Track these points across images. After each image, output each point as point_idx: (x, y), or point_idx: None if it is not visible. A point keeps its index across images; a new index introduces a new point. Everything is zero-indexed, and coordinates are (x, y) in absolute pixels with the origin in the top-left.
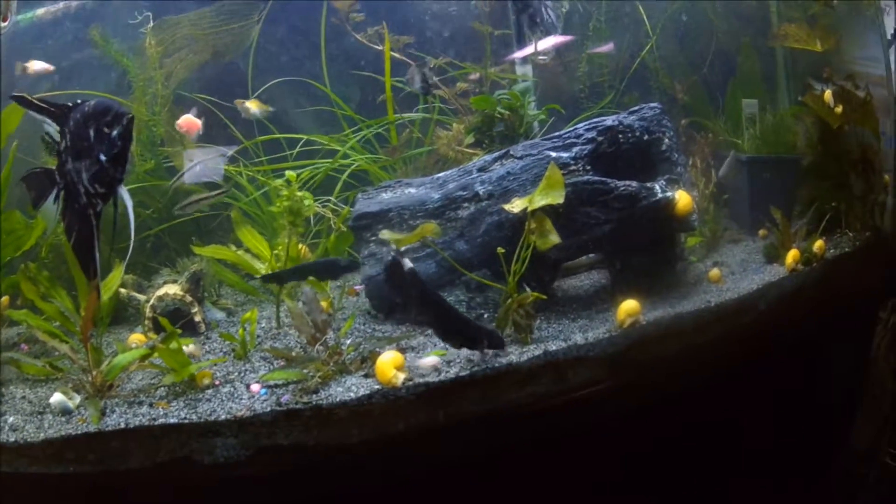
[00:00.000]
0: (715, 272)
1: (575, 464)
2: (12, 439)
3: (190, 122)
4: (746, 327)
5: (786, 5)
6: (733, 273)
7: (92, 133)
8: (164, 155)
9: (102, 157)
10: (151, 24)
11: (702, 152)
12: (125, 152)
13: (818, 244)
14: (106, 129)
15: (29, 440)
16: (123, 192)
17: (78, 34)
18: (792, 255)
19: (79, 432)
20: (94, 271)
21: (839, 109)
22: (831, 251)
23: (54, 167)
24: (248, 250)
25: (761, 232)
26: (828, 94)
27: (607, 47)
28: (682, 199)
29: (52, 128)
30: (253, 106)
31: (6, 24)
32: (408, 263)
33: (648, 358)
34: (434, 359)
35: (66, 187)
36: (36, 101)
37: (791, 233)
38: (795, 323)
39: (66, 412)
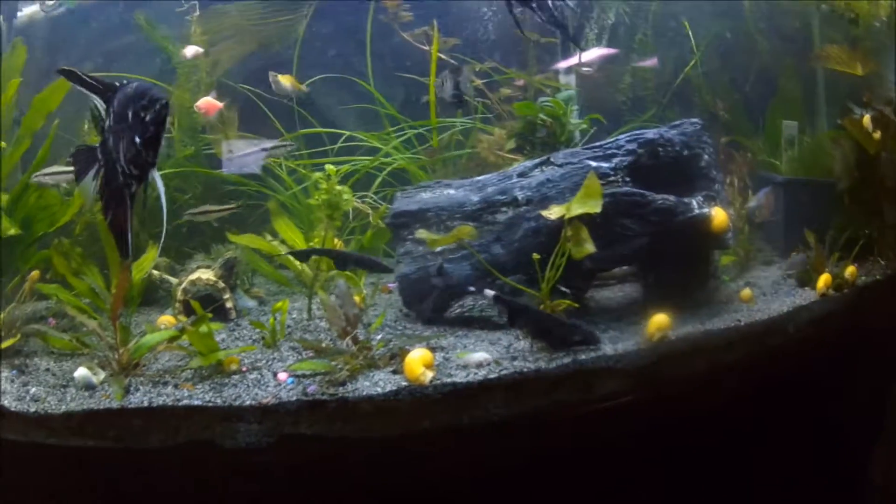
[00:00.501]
0: (746, 292)
1: (593, 474)
2: (33, 409)
3: (209, 103)
4: (774, 349)
5: (828, 26)
6: (764, 294)
7: (130, 115)
8: (205, 142)
9: (137, 140)
10: (197, 12)
11: (740, 171)
12: (157, 137)
13: (850, 270)
14: (142, 113)
15: (49, 411)
16: (156, 176)
17: (123, 18)
18: (823, 279)
19: (101, 407)
20: (126, 251)
21: (877, 135)
22: (862, 278)
23: (98, 144)
24: (283, 241)
25: (794, 255)
26: (866, 119)
27: (651, 61)
28: (719, 216)
29: (99, 103)
30: (286, 81)
31: (53, 2)
32: (489, 293)
33: (675, 373)
34: (483, 355)
35: (106, 166)
36: (84, 77)
37: (823, 257)
38: (823, 348)
39: (89, 387)
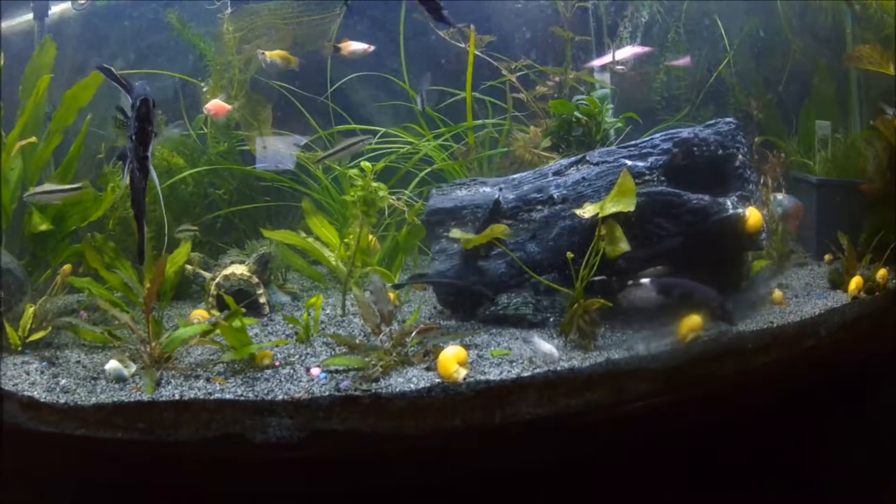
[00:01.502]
0: (777, 294)
1: (623, 474)
2: (62, 401)
3: (218, 105)
4: (805, 352)
5: (860, 25)
6: (797, 296)
7: (131, 114)
8: (239, 138)
9: (132, 136)
10: (229, 10)
11: (773, 172)
12: (142, 133)
13: (881, 273)
14: (133, 111)
15: (80, 403)
16: (150, 169)
17: (156, 16)
18: (855, 282)
19: (131, 399)
20: (140, 243)
21: None
22: (893, 281)
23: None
24: (317, 238)
25: (827, 257)
26: None
27: (685, 60)
28: (753, 216)
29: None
30: (277, 57)
31: (85, 2)
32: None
33: (707, 374)
34: (550, 347)
35: (129, 163)
36: (117, 74)
37: (855, 260)
38: (853, 352)
39: (120, 379)
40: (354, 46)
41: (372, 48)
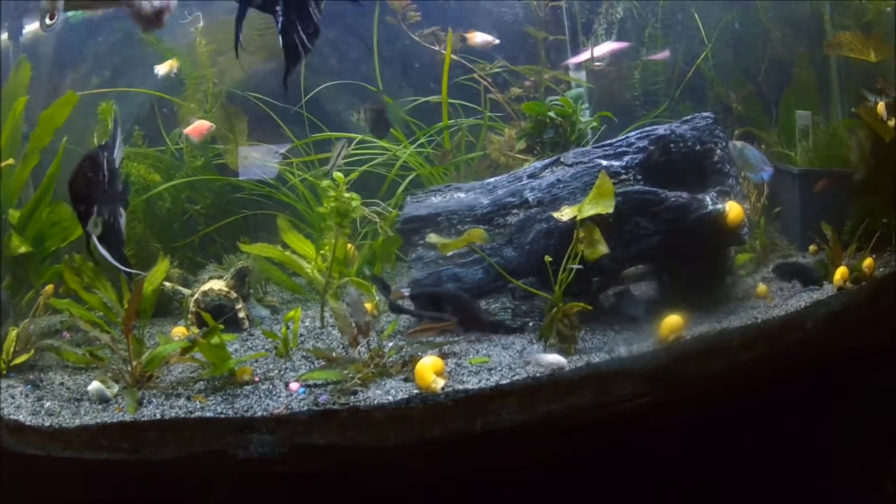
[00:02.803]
0: (762, 287)
1: (610, 478)
2: (48, 423)
3: (199, 126)
4: (793, 346)
5: (839, 12)
6: (782, 289)
7: None
8: (216, 152)
9: None
10: (201, 23)
11: None
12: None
13: (867, 262)
14: None
15: (64, 425)
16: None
17: (129, 31)
18: (840, 272)
19: (114, 420)
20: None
21: (892, 122)
22: (880, 270)
23: None
24: (294, 250)
25: (812, 248)
26: (881, 107)
27: (663, 55)
28: (733, 211)
29: None
30: (165, 68)
31: (55, 21)
32: None
33: (692, 373)
34: (557, 357)
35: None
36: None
37: (840, 250)
38: (842, 343)
39: (103, 400)
40: (480, 39)
41: (496, 41)
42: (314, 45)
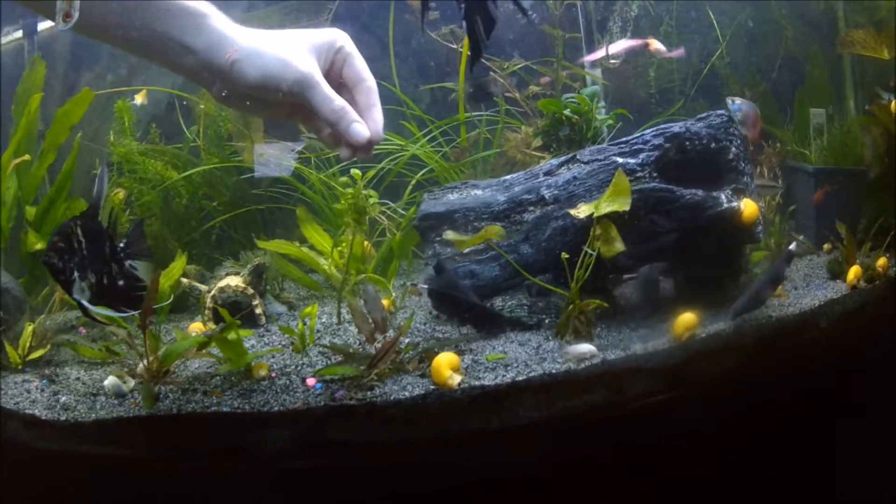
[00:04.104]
0: None
1: (623, 476)
2: (63, 418)
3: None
4: (807, 345)
5: (852, 9)
6: (796, 288)
7: None
8: (232, 150)
9: None
10: None
11: (769, 162)
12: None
13: (881, 261)
14: None
15: (80, 420)
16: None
17: None
18: (853, 271)
19: (130, 415)
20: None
21: None
22: (893, 269)
23: None
24: (312, 247)
25: (826, 246)
26: (894, 104)
27: (678, 52)
28: (748, 208)
29: None
30: (139, 98)
31: (71, 20)
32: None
33: (707, 370)
34: (588, 347)
35: None
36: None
37: (854, 248)
38: (856, 342)
39: (119, 395)
40: (658, 45)
41: (681, 52)
42: (489, 37)
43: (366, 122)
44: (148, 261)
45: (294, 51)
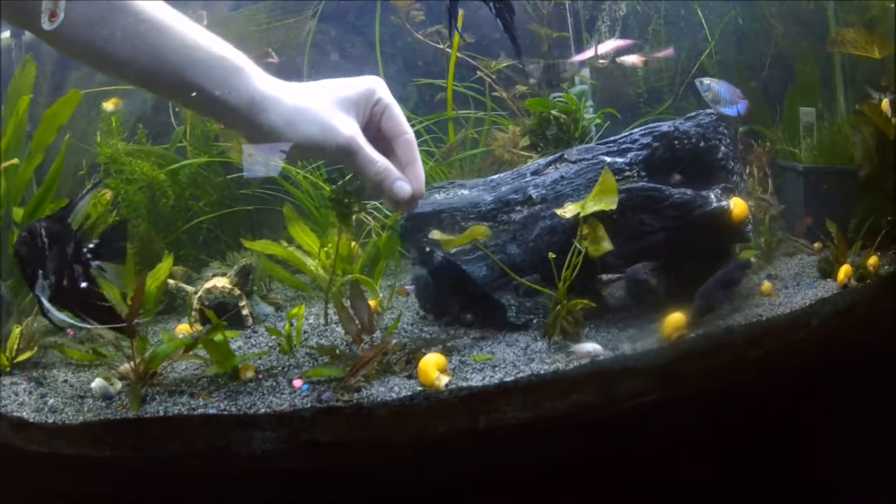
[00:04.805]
0: (766, 285)
1: (612, 476)
2: (51, 420)
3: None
4: (797, 344)
5: (843, 8)
6: (787, 287)
7: None
8: (219, 150)
9: None
10: (205, 21)
11: (759, 161)
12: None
13: (872, 260)
14: None
15: (68, 422)
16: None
17: None
18: (844, 270)
19: (117, 417)
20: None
21: None
22: (885, 267)
23: None
24: (298, 246)
25: (816, 245)
26: (885, 104)
27: (667, 51)
28: (738, 207)
29: None
30: (110, 105)
31: (57, 20)
32: None
33: (696, 371)
34: (594, 346)
35: None
36: None
37: (845, 248)
38: (847, 341)
39: (107, 397)
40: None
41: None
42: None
43: (407, 177)
44: (120, 263)
45: (335, 111)
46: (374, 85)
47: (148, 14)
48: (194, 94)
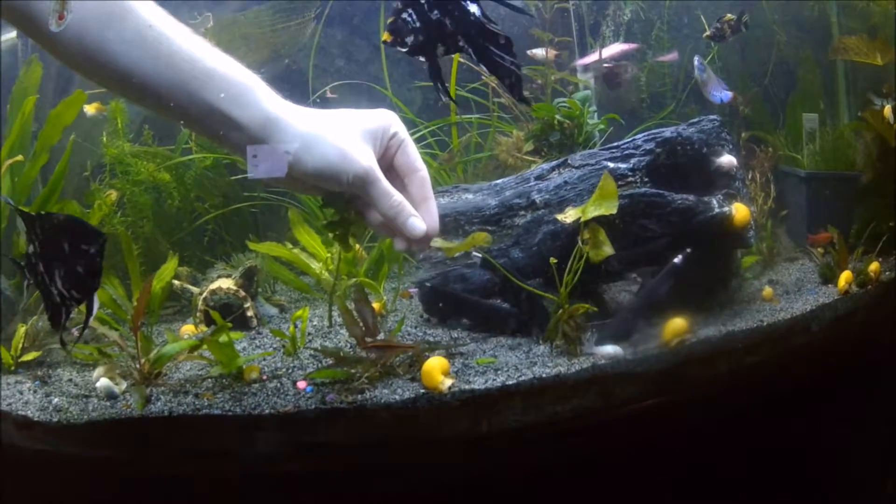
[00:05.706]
0: (768, 290)
1: (614, 480)
2: (56, 419)
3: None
4: (798, 350)
5: (845, 14)
6: (788, 293)
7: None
8: (224, 151)
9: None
10: (211, 23)
11: (761, 167)
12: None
13: (873, 266)
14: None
15: (72, 421)
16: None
17: None
18: (844, 276)
19: (122, 417)
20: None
21: None
22: (886, 273)
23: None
24: (303, 249)
25: (818, 251)
26: (887, 110)
27: (672, 56)
28: (740, 213)
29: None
30: (91, 110)
31: (64, 21)
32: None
33: (697, 376)
34: (614, 348)
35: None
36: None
37: (846, 253)
38: (848, 347)
39: (111, 397)
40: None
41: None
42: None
43: (421, 214)
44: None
45: (352, 141)
46: (391, 120)
47: (156, 22)
48: (199, 109)
